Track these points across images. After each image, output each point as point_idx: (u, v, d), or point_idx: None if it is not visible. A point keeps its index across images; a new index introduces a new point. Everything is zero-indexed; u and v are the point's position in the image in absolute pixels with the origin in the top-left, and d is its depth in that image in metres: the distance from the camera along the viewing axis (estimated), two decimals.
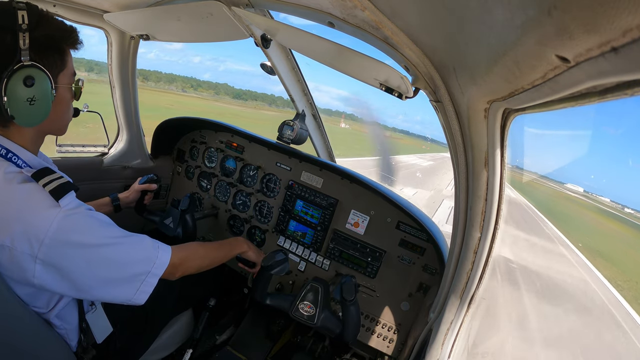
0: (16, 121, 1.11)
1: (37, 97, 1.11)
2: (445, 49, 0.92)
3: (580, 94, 0.55)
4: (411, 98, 1.27)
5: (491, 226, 1.17)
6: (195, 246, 1.63)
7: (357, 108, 21.69)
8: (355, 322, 1.74)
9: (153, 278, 1.29)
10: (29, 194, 1.10)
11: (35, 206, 1.09)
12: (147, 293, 1.29)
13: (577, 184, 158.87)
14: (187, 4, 1.51)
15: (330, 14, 1.19)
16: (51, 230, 1.08)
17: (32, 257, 1.08)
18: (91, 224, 1.18)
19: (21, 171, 1.14)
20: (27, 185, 1.11)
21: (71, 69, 1.25)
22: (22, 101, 1.09)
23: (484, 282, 1.30)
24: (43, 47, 1.12)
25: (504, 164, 1.02)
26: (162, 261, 1.33)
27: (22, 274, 1.10)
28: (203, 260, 1.63)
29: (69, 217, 1.12)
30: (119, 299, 1.26)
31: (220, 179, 2.65)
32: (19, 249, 1.07)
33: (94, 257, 1.17)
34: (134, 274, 1.26)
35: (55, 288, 1.17)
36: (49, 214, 1.09)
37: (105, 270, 1.20)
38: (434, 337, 1.44)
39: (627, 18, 0.34)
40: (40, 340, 1.27)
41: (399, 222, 2.08)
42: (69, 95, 1.29)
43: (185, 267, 1.49)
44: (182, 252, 1.47)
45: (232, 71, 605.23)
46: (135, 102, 2.47)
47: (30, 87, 1.09)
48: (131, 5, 1.79)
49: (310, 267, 2.31)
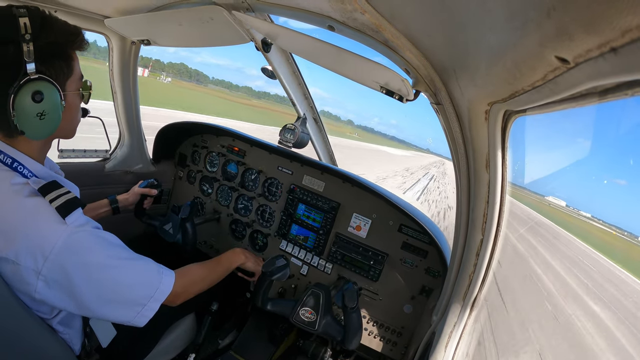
0: (27, 136, 1.09)
1: (46, 111, 1.08)
2: (446, 52, 0.93)
3: (581, 95, 0.55)
4: (412, 101, 1.27)
5: (493, 228, 1.17)
6: (195, 269, 1.59)
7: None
8: (357, 329, 1.72)
9: (155, 303, 1.27)
10: (35, 210, 1.07)
11: (42, 222, 1.07)
12: (148, 317, 1.26)
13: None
14: (188, 9, 1.52)
15: (330, 17, 1.20)
16: (56, 248, 1.06)
17: (35, 273, 1.06)
18: (97, 243, 1.16)
19: (27, 182, 1.11)
20: (33, 199, 1.08)
21: (78, 73, 1.21)
22: (32, 117, 1.05)
23: (486, 285, 1.29)
24: (48, 55, 1.07)
25: (506, 166, 1.02)
26: (165, 287, 1.30)
27: (24, 287, 1.09)
28: (203, 283, 1.61)
29: (75, 234, 1.10)
30: (119, 320, 1.24)
31: (222, 184, 2.65)
32: (22, 264, 1.05)
33: (97, 277, 1.14)
34: (136, 298, 1.24)
35: (57, 304, 1.15)
36: (55, 230, 1.07)
37: (108, 291, 1.18)
38: (437, 340, 1.43)
39: (627, 18, 0.34)
40: (43, 345, 1.27)
41: (401, 225, 2.08)
42: (78, 100, 1.26)
43: (187, 294, 1.47)
44: (183, 279, 1.44)
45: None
46: (136, 106, 2.48)
47: (39, 103, 1.05)
48: (132, 10, 1.80)
49: (312, 271, 2.30)
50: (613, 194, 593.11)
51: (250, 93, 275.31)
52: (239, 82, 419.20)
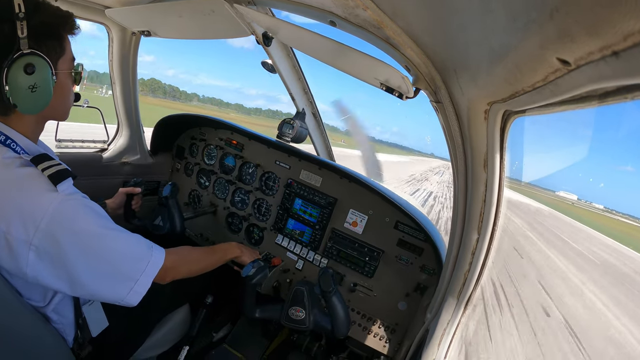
0: (19, 109, 1.12)
1: (38, 84, 1.12)
2: (447, 50, 0.93)
3: (581, 97, 0.55)
4: (412, 98, 1.27)
5: (489, 228, 1.17)
6: (187, 250, 1.61)
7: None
8: (340, 313, 1.71)
9: (147, 278, 1.28)
10: (27, 178, 1.10)
11: (33, 190, 1.09)
12: (140, 294, 1.27)
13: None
14: (189, 0, 1.51)
15: (332, 12, 1.19)
16: (47, 215, 1.08)
17: (26, 244, 1.07)
18: (87, 213, 1.17)
19: (20, 156, 1.14)
20: (25, 169, 1.11)
21: (70, 54, 1.26)
22: (24, 89, 1.09)
23: (481, 284, 1.30)
24: (41, 34, 1.12)
25: (504, 166, 1.02)
26: (156, 261, 1.31)
27: (15, 263, 1.09)
28: (194, 264, 1.62)
29: (66, 202, 1.12)
30: (112, 298, 1.25)
31: (220, 177, 2.65)
32: (14, 235, 1.06)
33: (88, 246, 1.16)
34: (127, 271, 1.25)
35: (49, 282, 1.15)
36: (46, 198, 1.09)
37: (99, 261, 1.19)
38: (430, 337, 1.44)
39: (629, 22, 0.35)
40: (37, 335, 1.27)
41: (397, 222, 2.08)
42: (69, 80, 1.29)
43: (176, 271, 1.47)
44: (174, 255, 1.45)
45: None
46: (135, 98, 2.47)
47: (31, 75, 1.09)
48: (133, 1, 1.78)
49: (307, 266, 2.31)
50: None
51: (240, 110, 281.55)
52: (236, 101, 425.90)
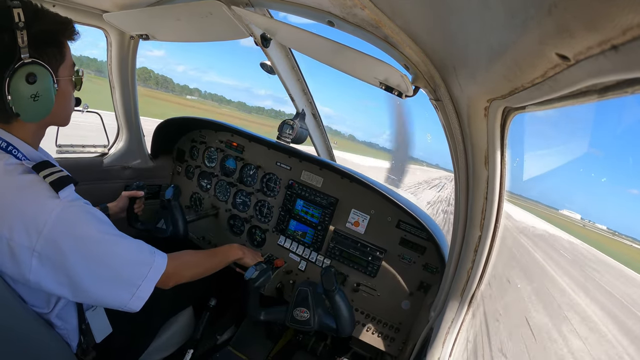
0: (22, 118, 1.13)
1: (40, 92, 1.13)
2: (446, 48, 0.92)
3: (580, 92, 0.55)
4: (411, 97, 1.27)
5: (491, 225, 1.17)
6: (189, 254, 1.62)
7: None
8: (344, 312, 1.71)
9: (149, 283, 1.28)
10: (29, 185, 1.11)
11: (35, 197, 1.10)
12: (143, 300, 1.27)
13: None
14: (186, 3, 1.51)
15: (330, 12, 1.19)
16: (50, 222, 1.08)
17: (29, 250, 1.07)
18: (89, 219, 1.18)
19: (22, 163, 1.15)
20: (27, 176, 1.12)
21: (70, 60, 1.26)
22: (26, 98, 1.10)
23: (484, 281, 1.30)
24: (41, 42, 1.13)
25: (504, 163, 1.02)
26: (158, 266, 1.32)
27: (18, 269, 1.09)
28: (197, 268, 1.62)
29: (68, 209, 1.12)
30: (115, 304, 1.25)
31: (221, 179, 2.65)
32: (17, 241, 1.06)
33: (90, 251, 1.16)
34: (129, 277, 1.25)
35: (52, 288, 1.15)
36: (48, 205, 1.09)
37: (101, 267, 1.19)
38: (434, 336, 1.44)
39: (628, 16, 0.34)
40: (41, 341, 1.27)
41: (399, 221, 2.08)
42: (70, 86, 1.30)
43: (179, 276, 1.48)
44: (176, 260, 1.45)
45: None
46: (135, 102, 2.47)
47: (33, 84, 1.10)
48: (131, 5, 1.78)
49: (310, 267, 2.31)
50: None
51: (241, 108, 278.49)
52: (242, 99, 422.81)
